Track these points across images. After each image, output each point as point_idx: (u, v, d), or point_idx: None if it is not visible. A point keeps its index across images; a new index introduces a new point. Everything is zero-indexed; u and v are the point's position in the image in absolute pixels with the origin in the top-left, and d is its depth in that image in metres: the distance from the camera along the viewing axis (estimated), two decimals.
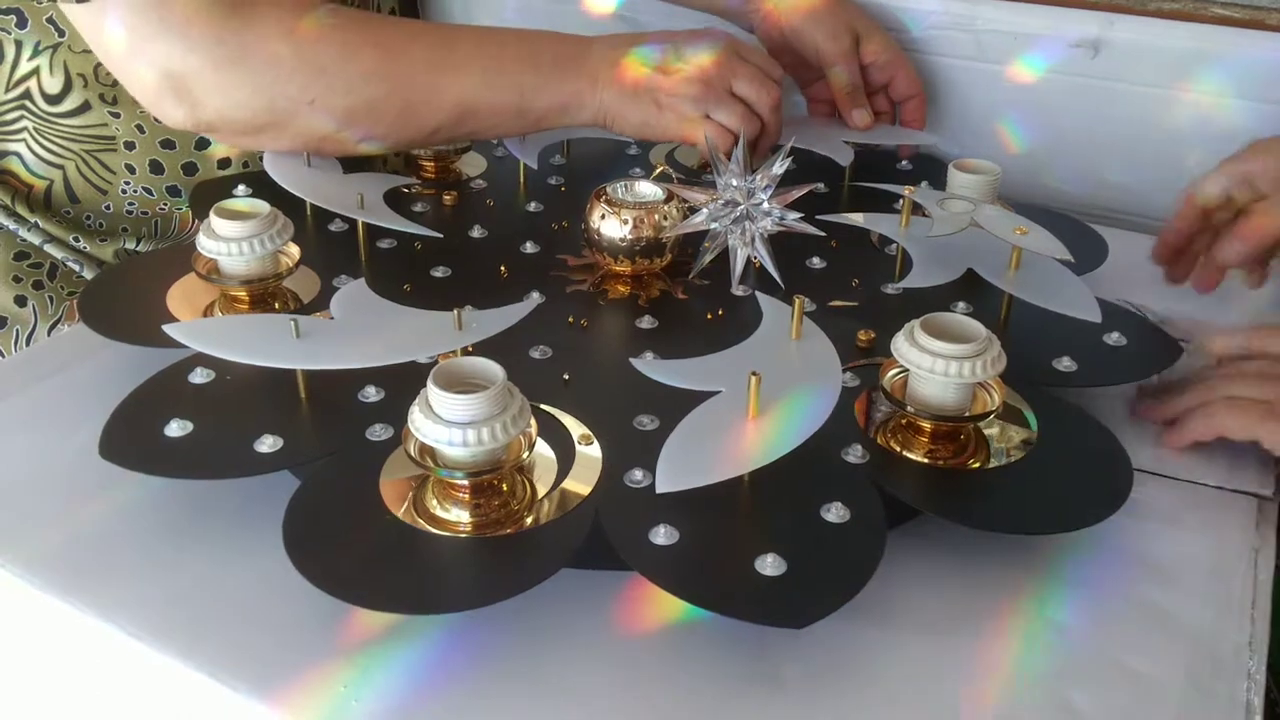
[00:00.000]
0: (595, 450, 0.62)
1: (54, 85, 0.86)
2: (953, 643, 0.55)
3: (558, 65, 0.81)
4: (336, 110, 0.77)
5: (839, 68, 0.96)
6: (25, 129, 0.87)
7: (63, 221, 0.89)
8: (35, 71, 0.85)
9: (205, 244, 0.71)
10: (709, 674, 0.53)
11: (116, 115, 0.87)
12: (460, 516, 0.57)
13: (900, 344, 0.62)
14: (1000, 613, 0.57)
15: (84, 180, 0.89)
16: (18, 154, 0.89)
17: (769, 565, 0.53)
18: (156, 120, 0.88)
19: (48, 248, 0.89)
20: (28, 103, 0.86)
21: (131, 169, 0.89)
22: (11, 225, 0.89)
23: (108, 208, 0.91)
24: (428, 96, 0.79)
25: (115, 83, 0.86)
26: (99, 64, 0.85)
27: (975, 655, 0.55)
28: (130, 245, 0.91)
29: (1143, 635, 0.56)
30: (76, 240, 0.90)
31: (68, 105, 0.87)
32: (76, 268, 0.90)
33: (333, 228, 0.85)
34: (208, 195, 0.84)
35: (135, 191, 0.90)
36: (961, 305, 0.76)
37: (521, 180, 0.95)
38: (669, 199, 0.78)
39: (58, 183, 0.89)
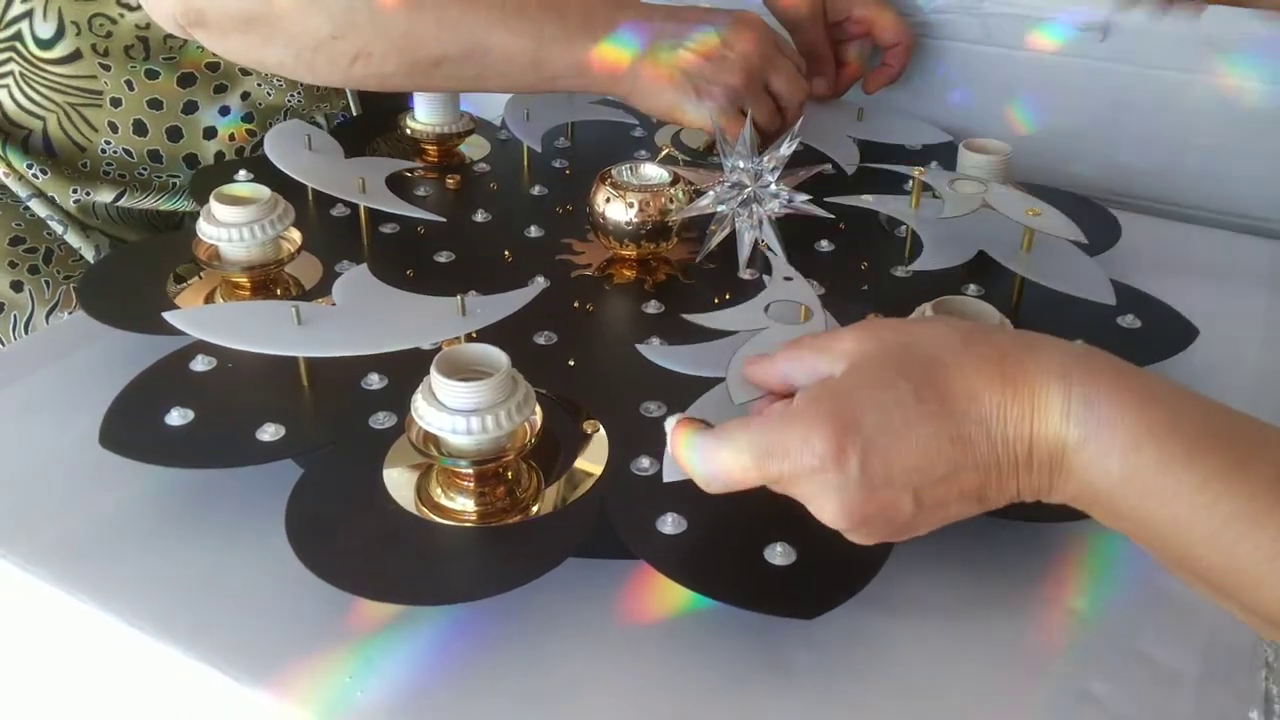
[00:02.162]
0: (601, 437, 0.61)
1: (46, 30, 0.84)
2: (967, 631, 0.54)
3: (585, 22, 0.77)
4: (338, 10, 0.72)
5: (798, 34, 0.95)
6: (11, 74, 0.86)
7: (38, 174, 0.88)
8: (29, 14, 0.83)
9: (205, 230, 0.70)
10: (718, 664, 0.52)
11: (107, 68, 0.85)
12: (465, 505, 0.56)
13: None
14: (1015, 601, 0.56)
15: (64, 135, 0.88)
16: None
17: (778, 554, 0.53)
18: (148, 77, 0.86)
19: (33, 204, 0.88)
20: (18, 45, 0.84)
21: (114, 127, 0.88)
22: None
23: (84, 165, 0.89)
24: (438, 19, 0.74)
25: (109, 34, 0.84)
26: (94, 14, 0.84)
27: (990, 644, 0.54)
28: (106, 199, 0.89)
29: (1160, 623, 0.55)
30: (53, 200, 0.88)
31: (58, 52, 0.85)
32: (60, 229, 0.89)
33: (334, 212, 0.84)
34: (208, 181, 0.83)
35: (115, 152, 0.89)
36: (973, 288, 0.75)
37: (525, 163, 0.94)
38: (675, 181, 0.77)
39: (36, 134, 0.88)
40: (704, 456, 0.47)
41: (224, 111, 0.92)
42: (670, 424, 0.50)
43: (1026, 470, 0.43)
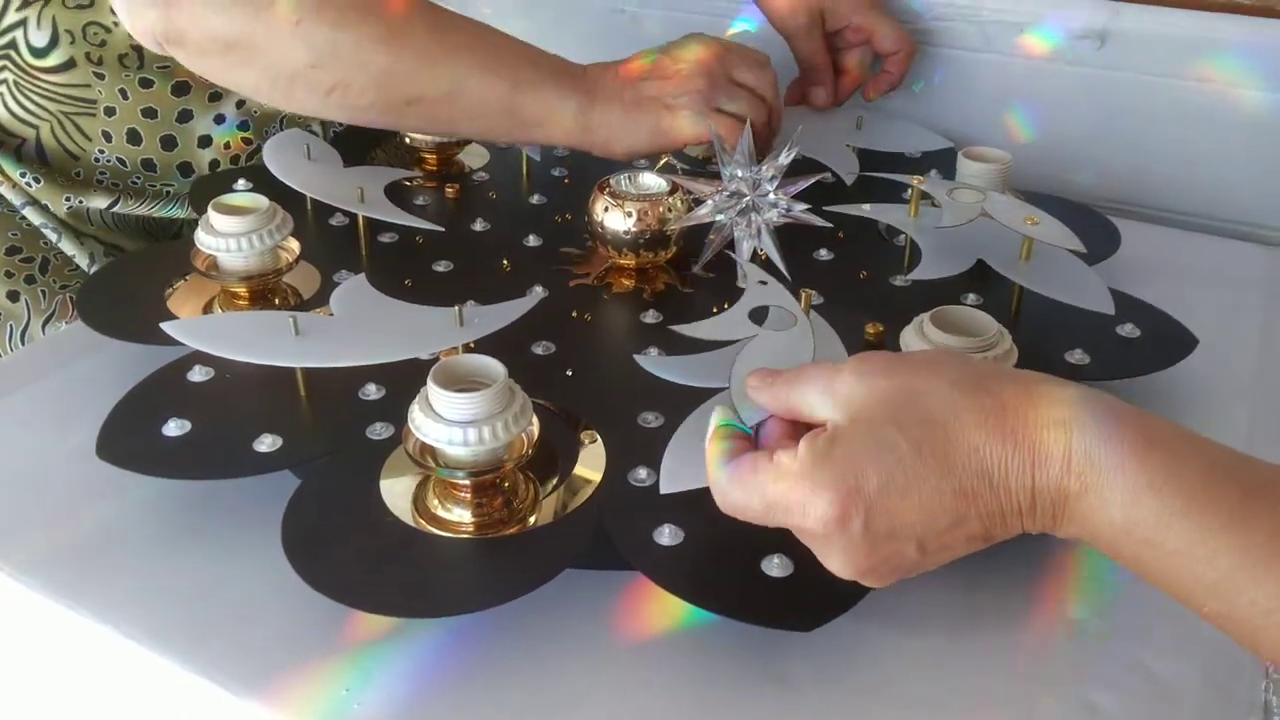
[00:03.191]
0: (599, 448, 0.61)
1: (40, 39, 0.84)
2: (967, 643, 0.54)
3: (557, 74, 0.78)
4: (320, 40, 0.72)
5: (796, 43, 0.95)
6: (5, 82, 0.86)
7: (31, 183, 0.88)
8: (23, 22, 0.83)
9: (204, 240, 0.70)
10: (715, 676, 0.52)
11: (101, 77, 0.85)
12: (462, 517, 0.56)
13: (910, 338, 0.61)
14: (1015, 612, 0.56)
15: (57, 143, 0.88)
16: None
17: (776, 566, 0.53)
18: (142, 86, 0.86)
19: (27, 212, 0.88)
20: (12, 53, 0.84)
21: (108, 136, 0.88)
22: None
23: (78, 174, 0.89)
24: (418, 58, 0.75)
25: (103, 43, 0.84)
26: (88, 23, 0.84)
27: (991, 656, 0.54)
28: (99, 205, 0.89)
29: (1161, 634, 0.55)
30: (46, 208, 0.88)
31: (53, 60, 0.85)
32: (54, 237, 0.89)
33: (333, 222, 0.84)
34: (207, 191, 0.83)
35: (109, 161, 0.89)
36: (971, 297, 0.75)
37: (524, 172, 0.94)
38: (673, 191, 0.77)
39: (30, 142, 0.88)
40: (721, 488, 0.48)
41: (219, 120, 0.92)
42: (713, 422, 0.51)
43: (1030, 515, 0.43)
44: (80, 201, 0.89)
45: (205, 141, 0.92)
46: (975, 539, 0.45)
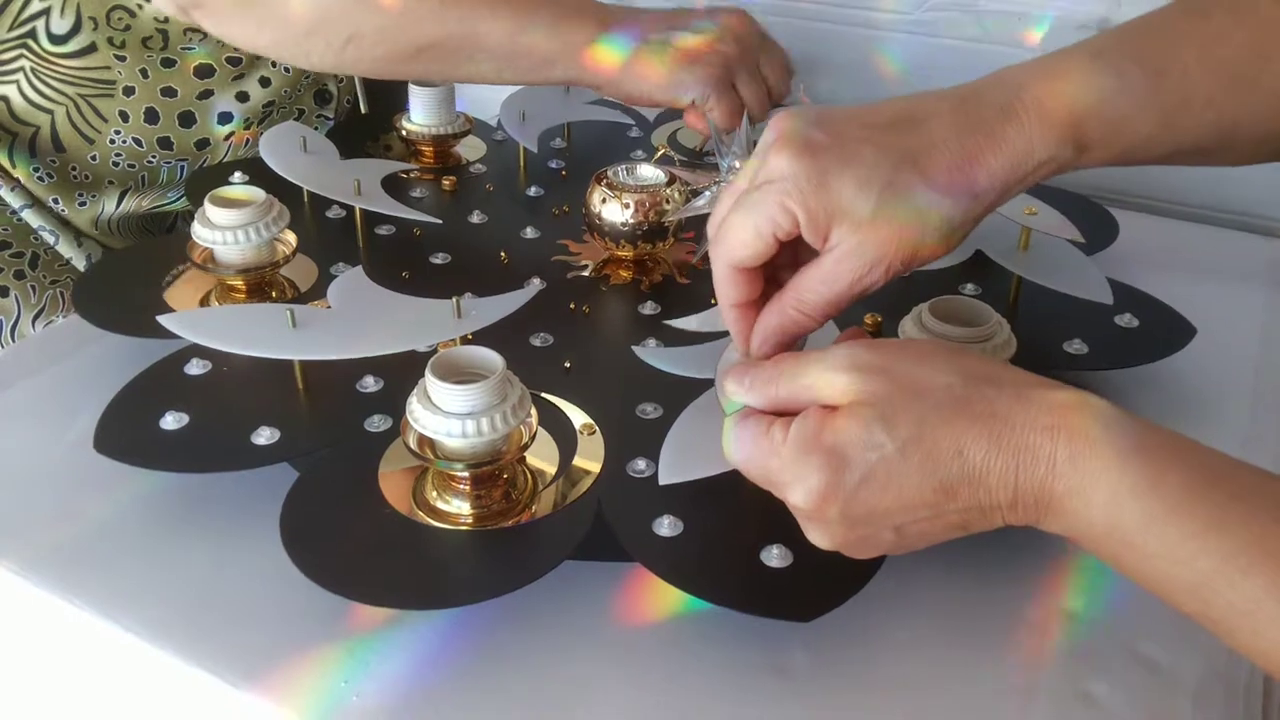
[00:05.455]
0: (597, 440, 0.61)
1: (62, 26, 0.83)
2: (965, 633, 0.54)
3: (568, 8, 0.77)
4: None
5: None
6: (21, 69, 0.85)
7: (44, 177, 0.87)
8: (46, 11, 0.83)
9: (200, 232, 0.70)
10: (715, 666, 0.52)
11: (122, 59, 0.85)
12: (461, 508, 0.56)
13: (908, 328, 0.60)
14: (1013, 602, 0.56)
15: (72, 127, 0.87)
16: (5, 98, 0.87)
17: (775, 556, 0.53)
18: (164, 66, 0.86)
19: (25, 214, 0.88)
20: (30, 42, 0.84)
21: (125, 116, 0.87)
22: None
23: (93, 158, 0.89)
24: (426, 2, 0.75)
25: (128, 27, 0.84)
26: (113, 8, 0.84)
27: (988, 645, 0.54)
28: (111, 207, 0.89)
29: (1158, 623, 0.54)
30: (55, 202, 0.88)
31: (73, 46, 0.84)
32: (52, 239, 0.88)
33: (330, 214, 0.84)
34: (204, 183, 0.83)
35: (124, 142, 0.88)
36: (970, 287, 0.75)
37: (521, 164, 0.94)
38: (671, 182, 0.77)
39: (44, 129, 0.87)
40: (729, 446, 0.49)
41: (242, 97, 0.92)
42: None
43: (1011, 511, 0.44)
44: (94, 196, 0.88)
45: (226, 117, 0.91)
46: (954, 528, 0.46)
